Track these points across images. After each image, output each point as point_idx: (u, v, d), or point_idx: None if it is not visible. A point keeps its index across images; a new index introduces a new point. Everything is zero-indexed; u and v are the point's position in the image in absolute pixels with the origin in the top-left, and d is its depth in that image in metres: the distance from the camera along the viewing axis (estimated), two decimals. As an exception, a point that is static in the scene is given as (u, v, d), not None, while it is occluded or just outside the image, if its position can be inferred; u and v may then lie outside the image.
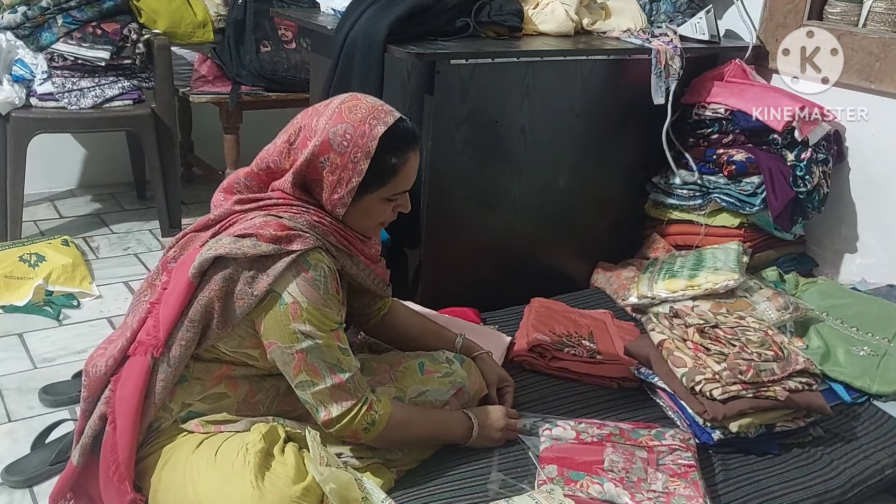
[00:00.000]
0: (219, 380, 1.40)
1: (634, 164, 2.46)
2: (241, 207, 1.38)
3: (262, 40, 3.02)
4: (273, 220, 1.33)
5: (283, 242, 1.30)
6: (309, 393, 1.34)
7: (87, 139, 3.37)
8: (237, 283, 1.31)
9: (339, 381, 1.34)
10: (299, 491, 1.24)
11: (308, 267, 1.32)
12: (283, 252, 1.30)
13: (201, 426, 1.38)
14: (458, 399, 1.57)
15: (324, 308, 1.33)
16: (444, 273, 2.16)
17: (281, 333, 1.32)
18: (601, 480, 1.41)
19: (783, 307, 2.02)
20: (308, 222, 1.35)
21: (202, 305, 1.32)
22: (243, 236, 1.31)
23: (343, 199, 1.36)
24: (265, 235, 1.30)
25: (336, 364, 1.34)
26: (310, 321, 1.31)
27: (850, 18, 2.36)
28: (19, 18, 2.60)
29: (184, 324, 1.32)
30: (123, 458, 1.32)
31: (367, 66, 1.96)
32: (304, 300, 1.31)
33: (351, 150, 1.33)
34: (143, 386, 1.33)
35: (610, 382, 1.84)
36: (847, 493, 1.57)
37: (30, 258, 2.49)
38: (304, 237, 1.32)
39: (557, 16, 2.25)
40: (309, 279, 1.31)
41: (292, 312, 1.30)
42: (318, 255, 1.34)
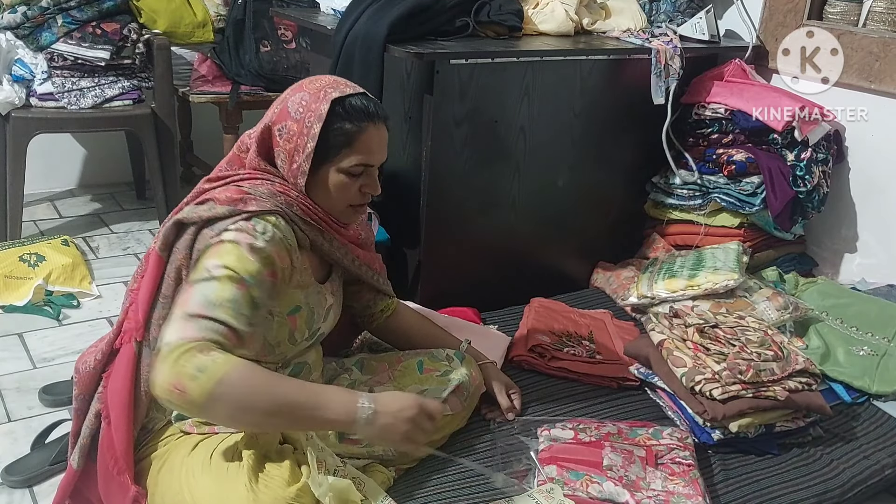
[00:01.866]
0: None
1: (634, 163, 2.46)
2: (209, 185, 1.38)
3: (262, 40, 3.02)
4: (233, 187, 1.33)
5: (238, 203, 1.29)
6: (168, 319, 1.20)
7: (87, 139, 3.37)
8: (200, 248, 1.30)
9: (201, 312, 1.17)
10: (294, 492, 1.24)
11: (255, 223, 1.28)
12: (237, 212, 1.28)
13: (196, 427, 1.37)
14: (456, 396, 1.56)
15: (245, 253, 1.23)
16: (444, 273, 2.16)
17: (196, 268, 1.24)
18: (601, 480, 1.41)
19: (783, 307, 2.02)
20: (270, 192, 1.33)
21: (172, 278, 1.31)
22: (202, 203, 1.32)
23: (301, 167, 1.34)
24: (220, 199, 1.30)
25: (212, 301, 1.18)
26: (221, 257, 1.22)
27: (850, 18, 2.36)
28: (19, 18, 2.60)
29: (159, 301, 1.32)
30: (121, 450, 1.32)
31: (367, 65, 1.96)
32: (230, 237, 1.25)
33: (305, 115, 1.32)
34: (132, 375, 1.32)
35: (610, 382, 1.84)
36: (847, 493, 1.57)
37: (30, 258, 2.49)
38: (260, 200, 1.30)
39: (557, 15, 2.25)
40: (249, 228, 1.27)
41: (214, 249, 1.25)
42: (272, 219, 1.30)
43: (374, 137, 1.36)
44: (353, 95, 1.35)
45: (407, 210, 2.11)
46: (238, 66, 3.02)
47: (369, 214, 2.10)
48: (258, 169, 1.37)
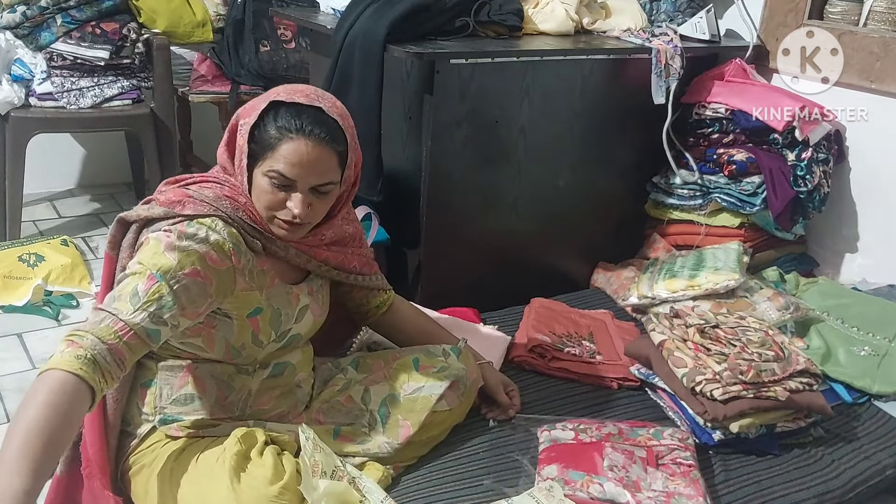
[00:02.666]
0: (184, 381, 1.38)
1: (634, 163, 2.45)
2: (165, 187, 1.37)
3: (262, 40, 3.02)
4: (179, 190, 1.33)
5: (175, 206, 1.28)
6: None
7: (86, 139, 3.36)
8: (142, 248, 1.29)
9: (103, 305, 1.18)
10: (276, 490, 1.23)
11: (187, 226, 1.26)
12: (172, 214, 1.28)
13: (181, 430, 1.37)
14: (453, 391, 1.55)
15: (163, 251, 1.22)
16: (444, 273, 2.16)
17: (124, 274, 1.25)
18: (601, 480, 1.41)
19: (784, 307, 2.02)
20: (215, 195, 1.31)
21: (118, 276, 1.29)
22: (146, 202, 1.33)
23: (240, 164, 1.32)
24: (160, 200, 1.30)
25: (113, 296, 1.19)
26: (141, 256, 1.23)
27: (850, 18, 2.35)
28: (18, 18, 2.60)
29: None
30: (95, 459, 1.32)
31: (367, 65, 1.96)
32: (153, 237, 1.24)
33: (252, 113, 1.31)
34: None
35: (610, 383, 1.84)
36: (848, 493, 1.57)
37: (29, 258, 2.49)
38: (198, 204, 1.29)
39: (557, 15, 2.25)
40: (178, 230, 1.25)
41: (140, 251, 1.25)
42: (207, 221, 1.28)
43: (296, 151, 1.27)
44: (297, 105, 1.29)
45: (407, 210, 2.11)
46: (237, 65, 3.02)
47: (369, 214, 2.09)
48: (221, 168, 1.37)
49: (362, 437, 1.47)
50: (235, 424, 1.38)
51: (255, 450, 1.32)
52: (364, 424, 1.49)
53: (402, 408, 1.50)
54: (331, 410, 1.51)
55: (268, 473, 1.26)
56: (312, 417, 1.48)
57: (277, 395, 1.46)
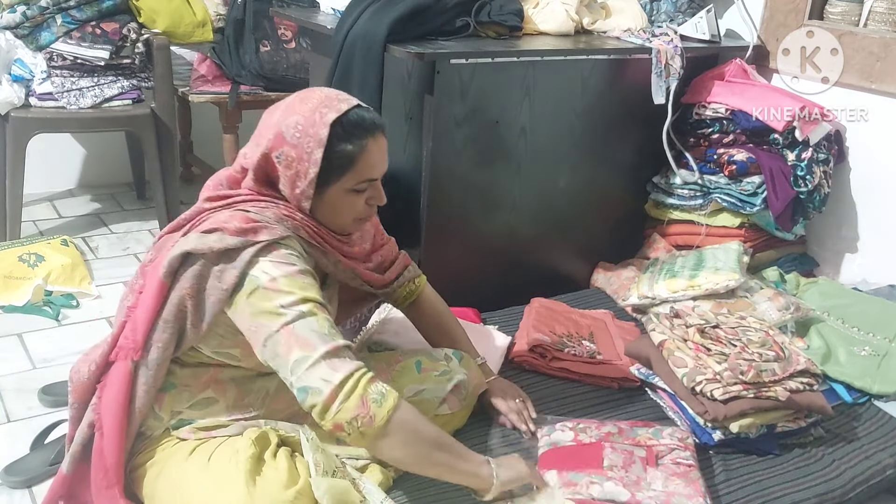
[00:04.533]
0: (206, 385, 1.39)
1: (635, 163, 2.45)
2: (209, 205, 1.36)
3: (262, 40, 3.02)
4: (239, 213, 1.31)
5: (248, 234, 1.28)
6: (305, 370, 1.22)
7: (87, 139, 3.36)
8: (207, 279, 1.29)
9: (334, 346, 1.24)
10: (292, 495, 1.23)
11: (278, 247, 1.29)
12: (249, 243, 1.28)
13: (193, 433, 1.37)
14: (455, 396, 1.56)
15: (302, 280, 1.27)
16: (444, 273, 2.15)
17: (265, 314, 1.25)
18: (601, 480, 1.41)
19: (784, 307, 2.02)
20: (276, 216, 1.32)
21: (174, 305, 1.30)
22: (209, 231, 1.30)
23: (305, 192, 1.33)
24: (230, 229, 1.28)
25: (328, 333, 1.25)
26: (291, 292, 1.25)
27: (850, 18, 2.35)
28: (18, 18, 2.59)
29: (159, 325, 1.31)
30: (111, 463, 1.31)
31: (367, 65, 1.96)
32: (279, 274, 1.26)
33: (303, 140, 1.30)
34: (127, 391, 1.32)
35: (610, 383, 1.84)
36: (848, 493, 1.57)
37: (29, 258, 2.49)
38: (270, 228, 1.30)
39: (557, 15, 2.25)
40: (280, 255, 1.28)
41: (271, 289, 1.25)
42: (287, 241, 1.31)
43: (376, 152, 1.36)
44: (349, 111, 1.33)
45: (407, 210, 2.11)
46: (238, 65, 3.02)
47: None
48: (259, 192, 1.36)
49: None
50: (246, 425, 1.38)
51: (268, 452, 1.32)
52: None
53: None
54: None
55: (283, 477, 1.26)
56: None
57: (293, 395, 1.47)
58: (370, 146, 1.34)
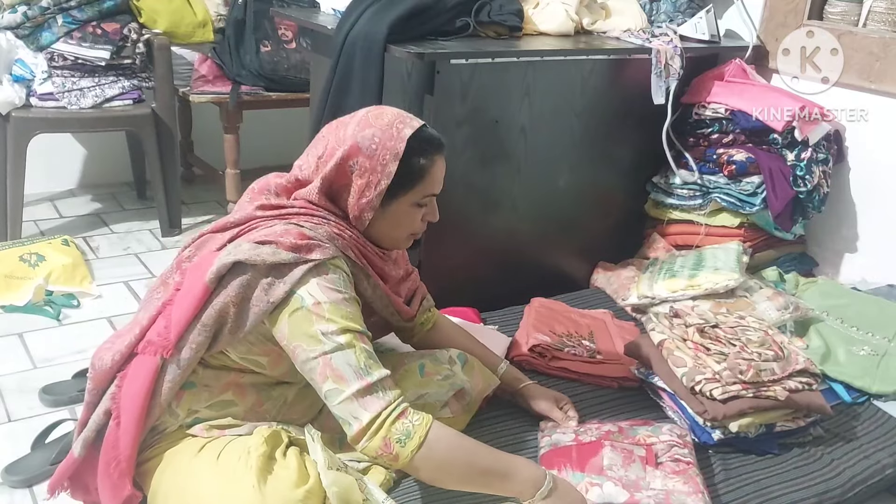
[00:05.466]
0: (227, 387, 1.39)
1: (635, 163, 2.46)
2: (262, 214, 1.37)
3: (263, 40, 3.02)
4: (294, 228, 1.32)
5: (302, 251, 1.29)
6: (337, 404, 1.27)
7: (87, 139, 3.37)
8: (254, 290, 1.29)
9: (366, 383, 1.26)
10: (301, 494, 1.24)
11: (328, 270, 1.31)
12: (301, 260, 1.29)
13: (205, 430, 1.37)
14: (458, 401, 1.56)
15: (346, 308, 1.29)
16: (444, 273, 2.16)
17: (305, 337, 1.28)
18: (601, 481, 1.41)
19: (783, 307, 2.02)
20: (328, 233, 1.34)
21: (216, 310, 1.30)
22: (263, 243, 1.30)
23: (372, 202, 1.36)
24: (285, 244, 1.29)
25: (363, 368, 1.27)
26: (333, 321, 1.27)
27: (850, 18, 2.36)
28: (19, 18, 2.60)
29: (196, 327, 1.31)
30: (125, 454, 1.32)
31: (368, 65, 1.96)
32: (325, 299, 1.28)
33: (380, 152, 1.35)
34: (151, 385, 1.32)
35: (610, 382, 1.84)
36: (847, 492, 1.57)
37: (30, 258, 2.49)
38: (323, 247, 1.31)
39: (557, 15, 2.25)
40: (329, 280, 1.30)
41: (315, 313, 1.27)
42: (337, 262, 1.33)
43: (441, 167, 1.43)
44: (422, 128, 1.40)
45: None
46: (239, 66, 3.02)
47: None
48: (315, 205, 1.37)
49: None
50: (258, 425, 1.39)
51: (279, 451, 1.32)
52: None
53: None
54: None
55: (293, 476, 1.26)
56: (322, 423, 1.48)
57: (308, 404, 1.49)
58: (438, 163, 1.42)
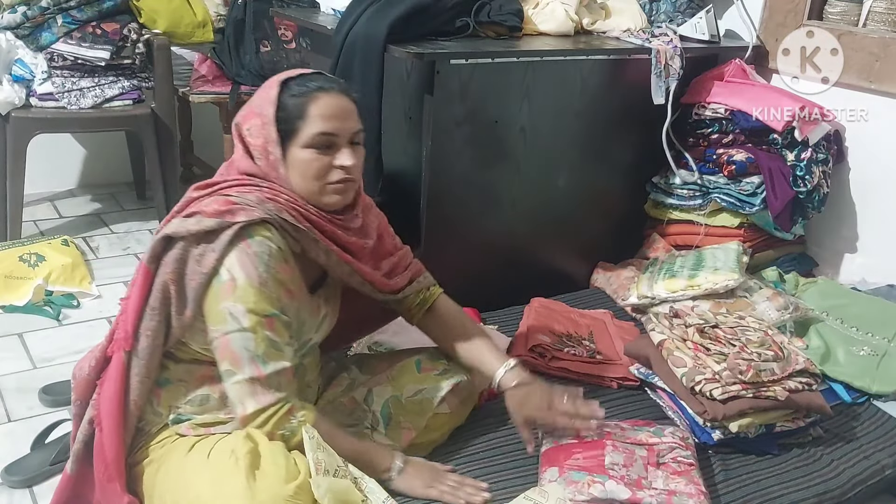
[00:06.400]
0: (202, 381, 1.39)
1: (634, 163, 2.46)
2: (198, 193, 1.37)
3: (262, 40, 3.02)
4: (221, 198, 1.32)
5: (226, 216, 1.28)
6: (230, 385, 1.29)
7: (87, 139, 3.37)
8: (188, 263, 1.29)
9: (259, 374, 1.27)
10: (292, 490, 1.24)
11: (251, 241, 1.28)
12: (225, 224, 1.28)
13: (192, 429, 1.38)
14: (456, 396, 1.56)
15: (260, 289, 1.27)
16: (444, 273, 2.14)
17: (212, 313, 1.28)
18: (603, 479, 1.41)
19: (783, 307, 2.02)
20: (258, 198, 1.32)
21: (159, 291, 1.31)
22: (190, 216, 1.31)
23: (273, 155, 1.34)
24: (208, 211, 1.29)
25: (260, 356, 1.27)
26: (241, 300, 1.26)
27: (850, 18, 2.36)
28: (19, 18, 2.60)
29: (147, 313, 1.32)
30: (111, 457, 1.32)
31: (367, 65, 1.96)
32: (241, 276, 1.26)
33: (262, 105, 1.34)
34: (122, 383, 1.33)
35: (610, 382, 1.84)
36: (847, 493, 1.57)
37: (30, 258, 2.49)
38: (248, 210, 1.29)
39: (557, 16, 2.25)
40: (251, 254, 1.28)
41: (227, 289, 1.27)
42: (264, 230, 1.30)
43: (328, 104, 1.34)
44: (304, 74, 1.36)
45: (407, 210, 2.11)
46: (238, 66, 3.02)
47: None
48: (247, 174, 1.36)
49: (364, 439, 1.47)
50: None
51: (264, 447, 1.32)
52: (366, 426, 1.49)
53: (404, 410, 1.51)
54: (334, 411, 1.52)
55: (282, 472, 1.26)
56: None
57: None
58: (320, 99, 1.33)
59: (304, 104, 1.33)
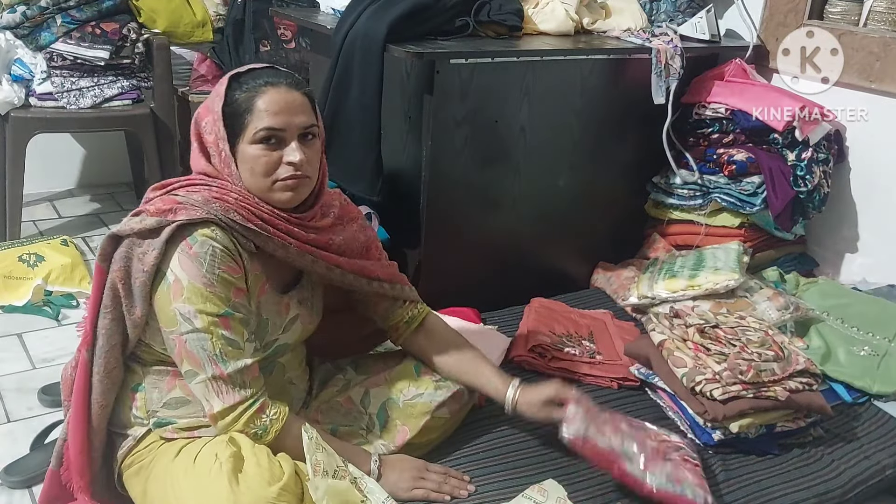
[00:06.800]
0: (172, 384, 1.38)
1: (635, 163, 2.45)
2: (154, 194, 1.36)
3: (262, 40, 3.02)
4: (168, 197, 1.32)
5: (167, 214, 1.28)
6: (193, 384, 1.29)
7: (86, 139, 3.36)
8: (132, 261, 1.30)
9: (220, 372, 1.27)
10: (275, 491, 1.23)
11: (193, 242, 1.27)
12: (165, 223, 1.27)
13: (177, 433, 1.38)
14: (455, 401, 1.55)
15: (207, 289, 1.26)
16: (444, 273, 2.16)
17: (164, 315, 1.28)
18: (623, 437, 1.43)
19: (784, 307, 2.02)
20: (204, 198, 1.30)
21: (109, 289, 1.31)
22: (136, 214, 1.31)
23: (224, 152, 1.32)
24: (151, 210, 1.29)
25: (219, 355, 1.27)
26: (189, 301, 1.26)
27: (850, 18, 2.35)
28: (18, 18, 2.59)
29: (101, 312, 1.32)
30: (73, 455, 1.34)
31: (367, 65, 1.96)
32: (185, 277, 1.26)
33: (213, 101, 1.33)
34: (85, 382, 1.34)
35: (610, 382, 1.84)
36: (848, 493, 1.57)
37: (29, 258, 2.49)
38: (190, 209, 1.28)
39: (557, 15, 2.25)
40: (192, 255, 1.26)
41: (174, 291, 1.26)
42: (206, 231, 1.27)
43: (275, 99, 1.30)
44: (253, 69, 1.35)
45: (407, 210, 2.11)
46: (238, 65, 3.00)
47: (369, 214, 2.09)
48: (202, 173, 1.35)
49: (360, 440, 1.47)
50: None
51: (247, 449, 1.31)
52: (362, 427, 1.49)
53: (401, 413, 1.50)
54: (329, 411, 1.51)
55: (265, 474, 1.25)
56: (311, 417, 1.48)
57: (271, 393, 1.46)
58: (266, 94, 1.30)
59: (251, 99, 1.30)
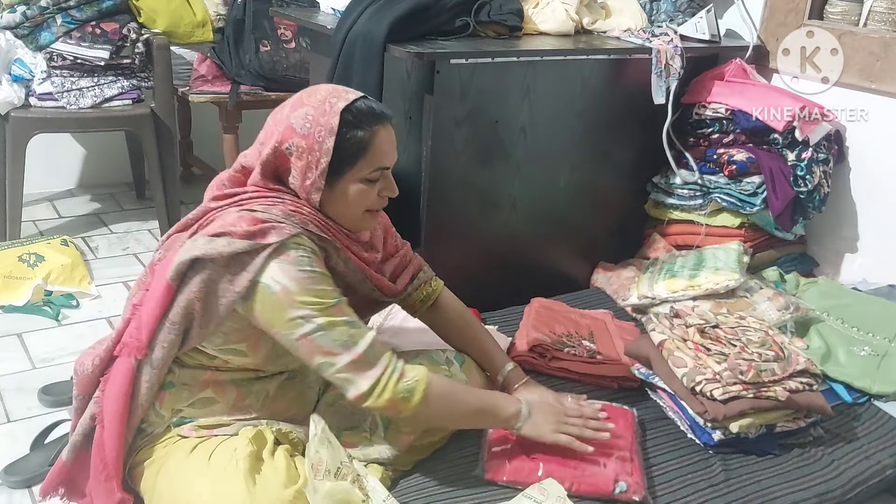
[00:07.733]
0: (206, 385, 1.39)
1: (635, 163, 2.45)
2: (216, 204, 1.36)
3: (262, 40, 3.02)
4: (247, 214, 1.30)
5: (257, 237, 1.28)
6: (331, 374, 1.30)
7: (87, 139, 3.36)
8: (218, 283, 1.29)
9: (356, 355, 1.29)
10: (291, 494, 1.23)
11: (287, 250, 1.28)
12: (258, 247, 1.27)
13: (194, 431, 1.38)
14: None
15: (315, 287, 1.28)
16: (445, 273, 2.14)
17: (280, 322, 1.28)
18: None
19: (784, 307, 2.02)
20: (283, 212, 1.31)
21: (182, 307, 1.30)
22: (218, 235, 1.29)
23: (316, 183, 1.33)
24: (238, 232, 1.27)
25: (348, 339, 1.29)
26: (304, 303, 1.27)
27: (850, 18, 2.35)
28: (18, 18, 2.59)
29: (165, 325, 1.31)
30: (111, 457, 1.32)
31: (367, 65, 1.96)
32: (291, 283, 1.27)
33: (314, 130, 1.31)
34: (129, 387, 1.32)
35: (610, 382, 1.84)
36: (848, 493, 1.57)
37: (29, 258, 2.49)
38: (278, 228, 1.29)
39: (557, 15, 2.25)
40: (291, 260, 1.28)
41: (284, 299, 1.27)
42: (296, 238, 1.30)
43: (386, 139, 1.36)
44: (357, 100, 1.34)
45: (407, 210, 2.10)
46: (238, 65, 3.02)
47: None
48: (265, 188, 1.35)
49: (364, 442, 1.47)
50: (245, 424, 1.39)
51: (266, 450, 1.32)
52: (366, 429, 1.49)
53: None
54: (334, 414, 1.51)
55: (282, 477, 1.26)
56: None
57: (292, 396, 1.48)
58: (381, 133, 1.35)
59: (368, 141, 1.33)
